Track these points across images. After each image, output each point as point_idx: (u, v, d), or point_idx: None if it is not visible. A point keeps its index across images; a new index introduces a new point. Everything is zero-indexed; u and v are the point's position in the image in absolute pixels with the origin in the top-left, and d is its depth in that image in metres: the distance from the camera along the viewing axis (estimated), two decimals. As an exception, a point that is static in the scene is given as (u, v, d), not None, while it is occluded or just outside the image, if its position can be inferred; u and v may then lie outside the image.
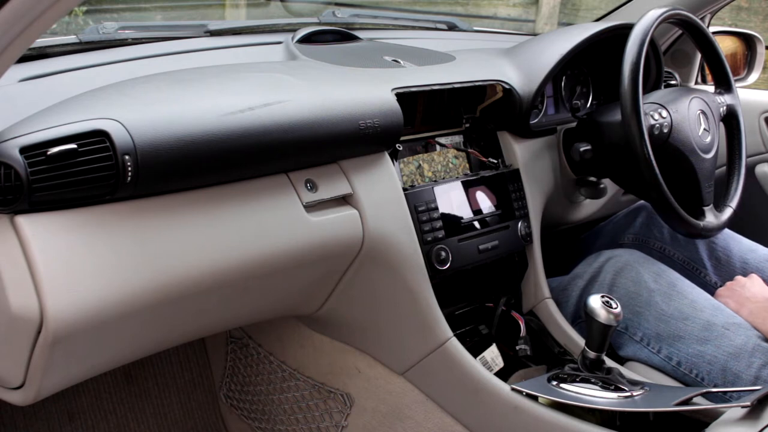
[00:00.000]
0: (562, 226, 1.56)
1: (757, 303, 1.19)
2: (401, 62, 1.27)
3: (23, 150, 0.75)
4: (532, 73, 1.32)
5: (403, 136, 1.16)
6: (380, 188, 1.08)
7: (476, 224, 1.22)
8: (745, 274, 1.30)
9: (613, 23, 1.40)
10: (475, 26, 1.84)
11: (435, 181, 1.22)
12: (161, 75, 1.02)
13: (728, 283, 1.28)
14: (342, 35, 1.46)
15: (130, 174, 0.79)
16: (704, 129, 1.34)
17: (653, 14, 1.26)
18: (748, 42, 1.94)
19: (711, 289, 1.30)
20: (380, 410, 1.23)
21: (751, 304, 1.20)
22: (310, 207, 0.99)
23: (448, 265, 1.16)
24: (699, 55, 1.83)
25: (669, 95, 1.35)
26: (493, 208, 1.25)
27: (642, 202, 1.56)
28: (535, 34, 1.74)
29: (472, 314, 1.29)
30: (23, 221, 0.75)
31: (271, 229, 0.94)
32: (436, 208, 1.16)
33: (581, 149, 1.33)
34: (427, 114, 1.28)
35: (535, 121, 1.41)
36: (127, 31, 1.26)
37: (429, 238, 1.14)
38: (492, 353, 1.22)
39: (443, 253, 1.15)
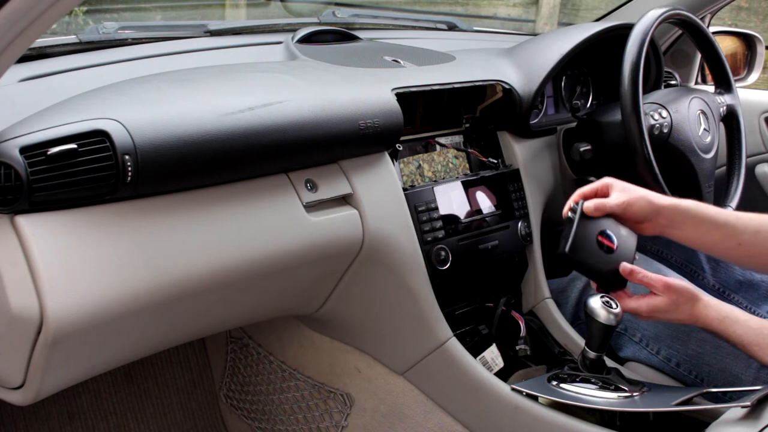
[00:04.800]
0: (562, 226, 1.55)
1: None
2: (401, 62, 1.27)
3: (23, 150, 0.75)
4: (532, 73, 1.32)
5: (403, 136, 1.16)
6: (380, 188, 1.08)
7: (476, 224, 1.22)
8: (743, 275, 1.30)
9: (613, 23, 1.40)
10: (475, 26, 1.84)
11: (435, 181, 1.22)
12: (161, 75, 1.02)
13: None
14: (342, 35, 1.46)
15: (130, 174, 0.79)
16: (704, 129, 1.34)
17: (653, 14, 1.26)
18: (748, 42, 1.94)
19: (710, 291, 1.29)
20: (380, 410, 1.23)
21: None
22: (310, 207, 0.99)
23: (448, 265, 1.15)
24: (699, 55, 1.83)
25: (669, 95, 1.35)
26: (493, 208, 1.25)
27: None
28: (535, 34, 1.74)
29: (472, 314, 1.29)
30: (23, 221, 0.75)
31: (271, 229, 0.94)
32: (436, 208, 1.16)
33: (581, 149, 1.33)
34: (427, 114, 1.28)
35: (535, 121, 1.41)
36: (127, 31, 1.26)
37: (429, 238, 1.14)
38: (492, 353, 1.22)
39: (443, 253, 1.15)
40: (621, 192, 1.05)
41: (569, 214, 1.06)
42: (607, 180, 1.08)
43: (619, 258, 1.05)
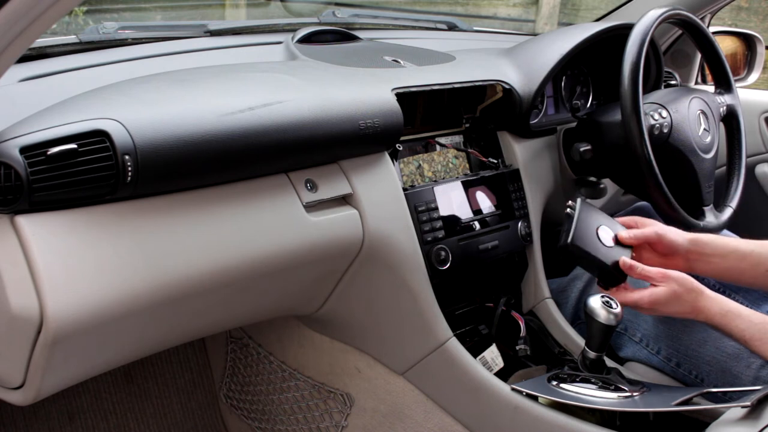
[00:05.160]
0: (560, 227, 1.55)
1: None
2: (401, 62, 1.27)
3: (23, 150, 0.75)
4: (532, 73, 1.32)
5: (403, 136, 1.16)
6: (380, 188, 1.08)
7: (476, 224, 1.22)
8: None
9: (613, 23, 1.40)
10: (475, 26, 1.84)
11: (435, 181, 1.22)
12: (161, 75, 1.02)
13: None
14: (342, 35, 1.46)
15: (130, 174, 0.79)
16: (704, 129, 1.34)
17: (653, 14, 1.26)
18: (748, 42, 1.94)
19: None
20: (380, 410, 1.23)
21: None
22: (310, 207, 0.99)
23: (448, 265, 1.15)
24: (699, 55, 1.83)
25: (669, 95, 1.35)
26: (493, 208, 1.25)
27: (641, 202, 1.56)
28: (535, 34, 1.74)
29: (472, 314, 1.29)
30: (23, 221, 0.75)
31: (271, 229, 0.94)
32: (436, 208, 1.16)
33: (581, 149, 1.33)
34: (427, 114, 1.28)
35: (535, 121, 1.41)
36: (127, 31, 1.26)
37: (429, 238, 1.14)
38: (492, 353, 1.22)
39: (443, 253, 1.15)
40: (653, 224, 1.10)
41: (568, 210, 1.08)
42: (635, 217, 1.14)
43: (618, 252, 1.07)
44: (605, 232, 1.08)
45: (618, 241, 1.08)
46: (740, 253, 1.09)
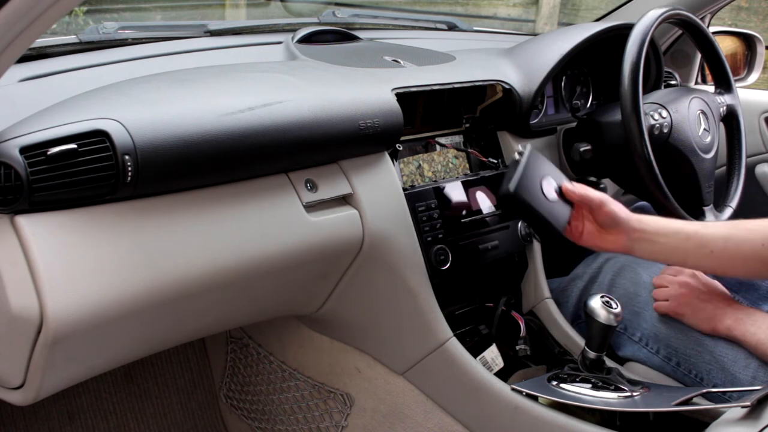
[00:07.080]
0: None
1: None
2: (401, 62, 1.27)
3: (23, 150, 0.75)
4: (532, 73, 1.32)
5: (403, 136, 1.16)
6: (380, 188, 1.08)
7: (476, 224, 1.22)
8: None
9: (613, 23, 1.40)
10: (475, 26, 1.84)
11: (435, 181, 1.22)
12: (161, 75, 1.02)
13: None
14: (342, 35, 1.46)
15: (130, 174, 0.79)
16: (704, 129, 1.34)
17: (653, 14, 1.26)
18: (748, 42, 1.94)
19: None
20: (380, 410, 1.23)
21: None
22: (310, 207, 0.99)
23: (448, 265, 1.15)
24: (699, 55, 1.83)
25: (669, 95, 1.35)
26: (493, 208, 1.25)
27: (642, 202, 1.56)
28: (535, 34, 1.74)
29: (472, 314, 1.29)
30: (23, 221, 0.75)
31: (271, 229, 0.94)
32: (436, 208, 1.16)
33: (581, 149, 1.33)
34: (427, 114, 1.28)
35: (535, 121, 1.41)
36: (127, 31, 1.26)
37: (429, 238, 1.14)
38: (492, 353, 1.22)
39: (443, 253, 1.15)
40: (601, 194, 1.09)
41: (516, 156, 1.04)
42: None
43: (559, 207, 1.04)
44: (549, 184, 1.04)
45: (561, 195, 1.06)
46: (684, 234, 1.07)
